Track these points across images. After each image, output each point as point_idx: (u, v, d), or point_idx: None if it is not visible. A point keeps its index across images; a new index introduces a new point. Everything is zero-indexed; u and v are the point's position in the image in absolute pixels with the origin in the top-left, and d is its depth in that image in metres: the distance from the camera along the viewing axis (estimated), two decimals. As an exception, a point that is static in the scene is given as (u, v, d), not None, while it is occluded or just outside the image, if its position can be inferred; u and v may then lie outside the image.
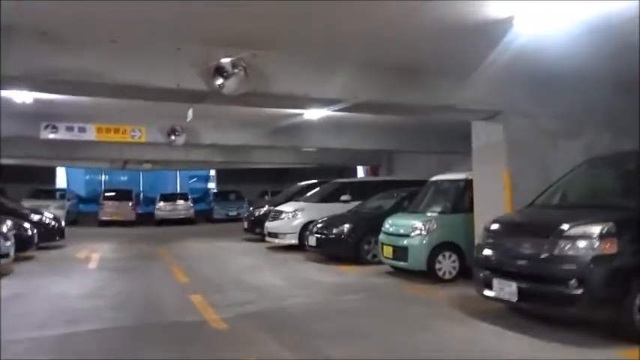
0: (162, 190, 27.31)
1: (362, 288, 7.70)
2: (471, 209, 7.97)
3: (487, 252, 5.60)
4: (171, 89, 5.35)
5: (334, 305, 6.64)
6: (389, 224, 8.74)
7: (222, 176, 29.28)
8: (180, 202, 22.96)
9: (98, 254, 11.81)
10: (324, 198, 12.78)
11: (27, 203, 19.76)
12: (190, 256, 11.62)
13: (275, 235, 12.51)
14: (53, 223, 13.07)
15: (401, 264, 8.15)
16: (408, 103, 6.47)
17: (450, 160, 15.25)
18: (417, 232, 7.96)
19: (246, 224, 15.26)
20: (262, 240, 13.67)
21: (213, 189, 29.25)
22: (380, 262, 9.28)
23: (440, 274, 7.85)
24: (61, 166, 24.26)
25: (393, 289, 7.57)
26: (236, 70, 5.44)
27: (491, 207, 7.01)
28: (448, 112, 6.99)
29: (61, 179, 26.76)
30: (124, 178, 32.98)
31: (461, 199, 8.27)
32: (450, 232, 7.99)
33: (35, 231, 11.01)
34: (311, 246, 10.48)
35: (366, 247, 9.81)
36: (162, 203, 22.62)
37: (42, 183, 23.48)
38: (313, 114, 10.06)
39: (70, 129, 9.93)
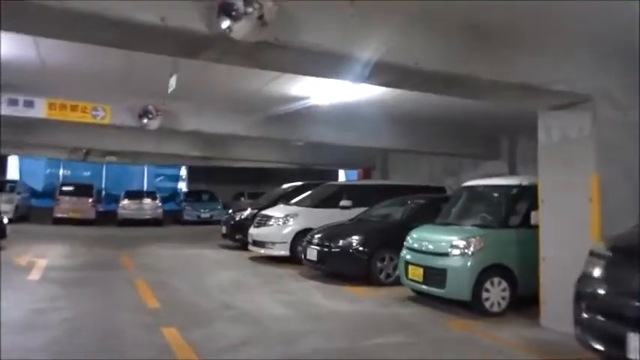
0: (128, 187, 24.93)
1: (392, 323, 5.92)
2: (525, 224, 6.33)
3: (602, 288, 3.91)
4: (154, 26, 3.46)
5: (368, 354, 4.82)
6: (415, 239, 7.00)
7: (194, 175, 27.07)
8: (147, 200, 20.73)
9: (45, 260, 9.66)
10: (320, 203, 10.97)
11: (-31, 195, 17.49)
12: (160, 267, 9.60)
13: (261, 245, 10.61)
14: (-10, 221, 10.84)
15: (435, 290, 6.40)
16: (479, 77, 4.73)
17: (455, 165, 13.72)
18: (459, 250, 6.23)
19: (224, 229, 13.30)
20: (243, 248, 11.81)
21: (183, 189, 26.97)
22: (395, 283, 7.61)
23: (487, 305, 6.14)
24: (13, 154, 21.66)
25: (433, 327, 5.81)
26: (250, 10, 3.61)
27: (569, 223, 5.37)
28: (523, 94, 5.29)
29: (14, 170, 24.10)
30: (86, 174, 30.36)
31: (512, 210, 6.59)
32: (500, 253, 6.30)
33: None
34: (310, 260, 8.64)
35: (378, 264, 8.05)
36: (126, 201, 20.34)
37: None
38: (323, 98, 8.24)
39: (12, 102, 7.80)
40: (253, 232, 10.90)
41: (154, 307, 6.37)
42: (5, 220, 11.41)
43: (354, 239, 8.19)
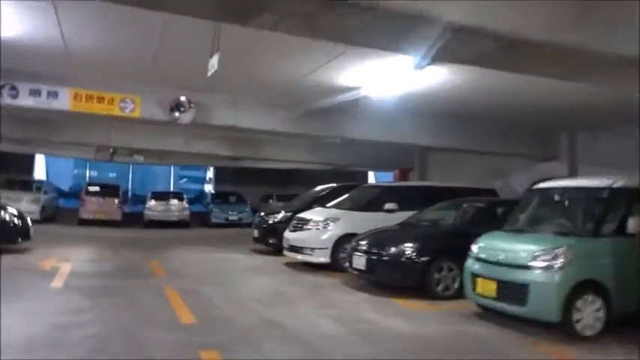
0: (153, 187, 24.49)
1: (465, 345, 5.04)
2: (620, 232, 5.39)
3: None
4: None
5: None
6: (484, 248, 6.09)
7: (220, 176, 26.51)
8: (174, 201, 20.16)
9: (69, 265, 9.03)
10: (363, 205, 10.10)
11: (-3, 195, 17.11)
12: (191, 274, 8.87)
13: (298, 250, 9.80)
14: (15, 220, 10.25)
15: (513, 308, 5.48)
16: (581, 49, 3.83)
17: (503, 165, 12.71)
18: (543, 263, 5.30)
19: (256, 232, 12.53)
20: (277, 253, 11.06)
21: (210, 191, 26.39)
22: (454, 297, 6.76)
23: (578, 327, 5.19)
24: (40, 153, 21.37)
25: (517, 351, 4.91)
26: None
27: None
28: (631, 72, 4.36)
29: (40, 170, 23.86)
30: (112, 175, 30.12)
31: (604, 216, 5.63)
32: (592, 266, 5.36)
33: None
34: (356, 269, 7.78)
35: (436, 275, 7.15)
36: (153, 202, 19.80)
37: (18, 173, 20.65)
38: (374, 89, 7.39)
39: (35, 93, 7.16)
40: (289, 236, 10.10)
41: (188, 322, 5.59)
42: (29, 222, 10.82)
43: (408, 246, 7.30)
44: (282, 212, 12.23)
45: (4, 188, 17.76)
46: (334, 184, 13.01)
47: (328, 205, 10.91)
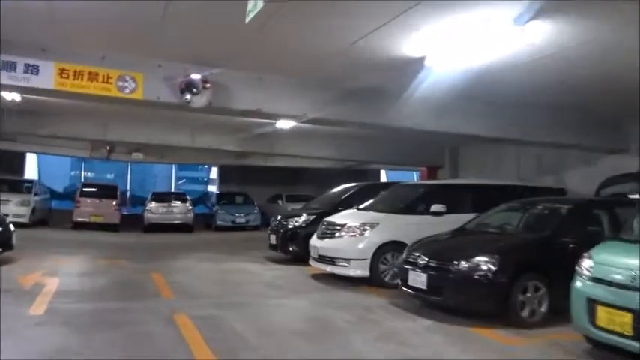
0: (153, 188, 22.94)
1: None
2: None
3: None
4: None
5: None
6: (601, 264, 4.56)
7: (225, 176, 24.87)
8: (177, 203, 18.61)
9: (56, 280, 7.48)
10: (403, 208, 8.57)
11: (-19, 197, 15.58)
12: (203, 292, 7.32)
13: (330, 261, 8.26)
14: (-7, 227, 8.71)
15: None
16: None
17: (553, 160, 11.17)
18: None
19: (273, 238, 10.99)
20: (297, 261, 9.74)
21: (214, 191, 24.77)
22: (541, 324, 5.45)
23: None
24: (32, 152, 19.77)
25: None
26: None
27: None
28: None
29: (32, 170, 22.27)
30: (110, 176, 28.52)
31: None
32: None
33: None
34: (415, 288, 6.23)
35: (520, 297, 5.61)
36: (153, 204, 18.25)
37: (7, 173, 19.03)
38: (444, 60, 5.84)
39: (9, 66, 5.59)
40: (318, 244, 8.56)
41: (215, 374, 4.05)
42: (12, 227, 9.25)
43: (483, 260, 5.75)
44: (304, 215, 10.70)
45: (-11, 189, 16.22)
46: (362, 183, 11.51)
47: (361, 207, 9.38)
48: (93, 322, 5.42)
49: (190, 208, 18.55)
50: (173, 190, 23.43)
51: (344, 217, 8.78)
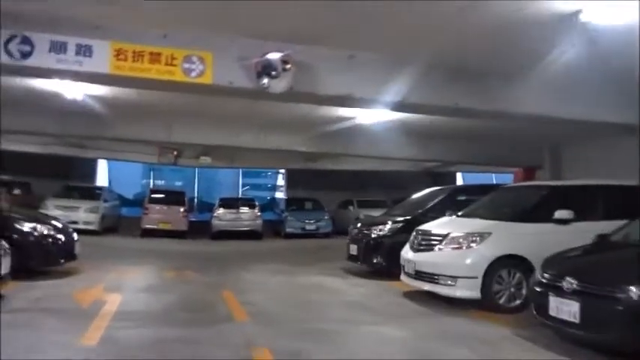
0: (220, 194, 22.34)
1: None
2: None
3: None
4: None
5: None
6: None
7: (292, 180, 23.95)
8: (245, 209, 17.83)
9: (118, 298, 6.59)
10: (519, 214, 7.03)
11: (52, 203, 15.43)
12: (282, 316, 6.15)
13: (428, 278, 6.85)
14: (56, 237, 8.00)
15: None
16: None
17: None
18: None
19: (354, 249, 9.74)
20: (384, 275, 8.52)
21: (282, 197, 23.87)
22: None
23: None
24: (102, 158, 19.71)
25: None
26: None
27: None
28: None
29: (104, 177, 22.34)
30: (178, 183, 28.45)
31: None
32: None
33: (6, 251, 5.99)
34: (560, 320, 4.73)
35: None
36: (221, 210, 17.56)
37: (78, 179, 19.07)
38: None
39: (58, 47, 4.70)
40: (414, 258, 7.19)
41: None
42: (75, 236, 8.55)
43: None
44: (389, 223, 9.37)
45: (60, 196, 16.09)
46: (453, 186, 10.05)
47: (460, 213, 7.93)
48: (154, 356, 4.37)
49: (259, 214, 17.70)
50: (240, 196, 22.76)
51: (444, 226, 7.36)
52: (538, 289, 5.08)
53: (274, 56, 5.09)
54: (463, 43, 5.35)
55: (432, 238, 7.15)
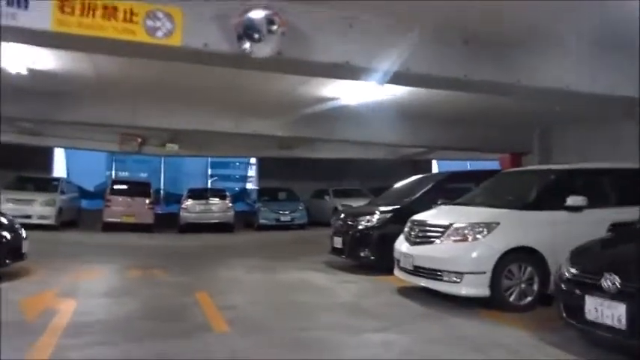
0: (187, 185, 21.21)
1: None
2: None
3: None
4: None
5: None
6: None
7: (264, 170, 22.96)
8: (215, 200, 16.83)
9: (72, 305, 5.62)
10: (529, 202, 6.37)
11: (4, 196, 14.11)
12: (268, 322, 5.31)
13: (429, 274, 6.13)
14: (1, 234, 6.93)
15: None
16: None
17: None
18: None
19: (338, 241, 8.96)
20: (372, 269, 7.95)
21: (253, 187, 22.88)
22: None
23: None
24: (59, 147, 18.28)
25: None
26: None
27: None
28: None
29: (61, 167, 20.86)
30: (143, 175, 27.11)
31: None
32: None
33: None
34: (601, 326, 4.04)
35: None
36: (190, 202, 16.53)
37: (33, 170, 17.61)
38: None
39: (-17, -4, 3.68)
40: (412, 251, 6.45)
41: None
42: (23, 234, 7.47)
43: None
44: (377, 213, 8.61)
45: (13, 188, 14.75)
46: (444, 172, 9.39)
47: (459, 201, 7.24)
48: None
49: (230, 205, 16.74)
50: (209, 186, 21.69)
51: (443, 216, 6.64)
52: (566, 288, 4.40)
53: (258, 15, 4.20)
54: (474, 7, 4.58)
55: (431, 229, 6.42)
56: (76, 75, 8.03)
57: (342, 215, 9.60)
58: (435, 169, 24.39)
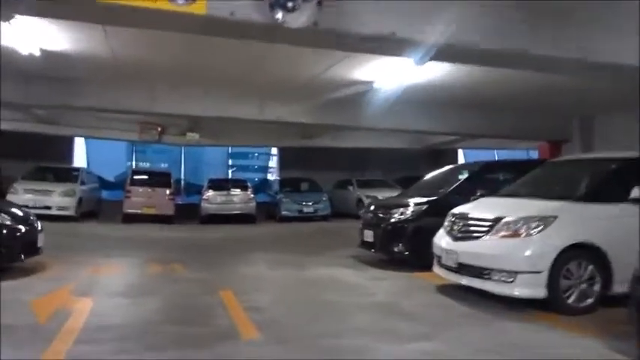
0: (208, 176, 20.85)
1: None
2: None
3: None
4: None
5: None
6: None
7: (285, 160, 22.46)
8: (236, 191, 16.44)
9: (88, 304, 5.19)
10: (588, 193, 5.72)
11: (22, 186, 13.89)
12: (300, 327, 4.80)
13: (475, 272, 5.55)
14: (14, 228, 6.54)
15: None
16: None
17: None
18: None
19: (369, 235, 8.41)
20: (404, 265, 7.48)
21: (275, 177, 22.38)
22: None
23: None
24: (79, 136, 18.03)
25: None
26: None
27: None
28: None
29: (82, 157, 20.68)
30: (164, 165, 26.87)
31: None
32: None
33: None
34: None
35: None
36: (211, 192, 16.16)
37: (53, 160, 17.42)
38: None
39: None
40: (456, 247, 5.87)
41: None
42: (39, 226, 7.08)
43: None
44: (412, 205, 8.04)
45: (31, 179, 14.50)
46: (482, 161, 8.80)
47: (503, 192, 6.64)
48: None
49: (252, 196, 16.31)
50: (230, 177, 21.30)
51: (489, 208, 6.04)
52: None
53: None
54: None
55: (477, 223, 5.84)
56: (92, 58, 7.58)
57: (373, 207, 9.04)
58: (460, 158, 23.66)
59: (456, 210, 6.40)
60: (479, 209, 6.16)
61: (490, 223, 5.62)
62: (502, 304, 5.30)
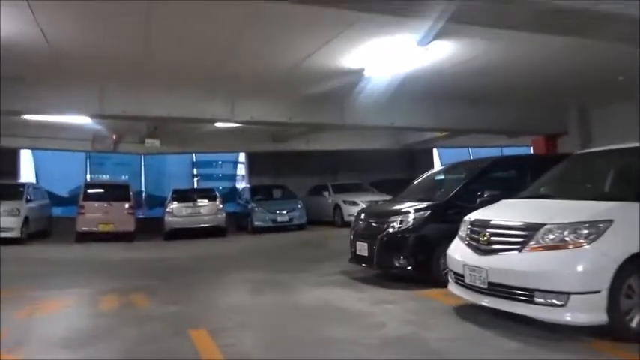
0: (170, 187, 19.33)
1: None
2: None
3: None
4: None
5: None
6: None
7: (255, 167, 21.14)
8: (204, 202, 15.06)
9: (16, 365, 3.86)
10: (617, 190, 4.79)
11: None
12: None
13: (512, 294, 4.47)
14: None
15: None
16: None
17: None
18: None
19: (362, 248, 7.29)
20: (405, 280, 6.50)
21: (245, 185, 21.03)
22: None
23: None
24: (24, 148, 16.29)
25: None
26: None
27: None
28: None
29: (29, 171, 18.84)
30: (124, 177, 25.10)
31: None
32: None
33: None
34: None
35: None
36: (175, 205, 14.78)
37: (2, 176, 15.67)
38: None
39: None
40: (483, 263, 4.79)
41: None
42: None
43: None
44: (412, 212, 6.96)
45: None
46: (488, 158, 7.84)
47: (525, 193, 5.64)
48: None
49: (221, 207, 14.98)
50: (195, 187, 19.86)
51: (519, 213, 5.01)
52: None
53: None
54: None
55: (507, 232, 4.78)
56: (20, 48, 6.18)
57: (364, 215, 7.92)
58: (436, 159, 22.91)
59: (473, 216, 5.35)
60: (504, 215, 5.12)
61: (525, 232, 4.58)
62: (543, 331, 4.28)
